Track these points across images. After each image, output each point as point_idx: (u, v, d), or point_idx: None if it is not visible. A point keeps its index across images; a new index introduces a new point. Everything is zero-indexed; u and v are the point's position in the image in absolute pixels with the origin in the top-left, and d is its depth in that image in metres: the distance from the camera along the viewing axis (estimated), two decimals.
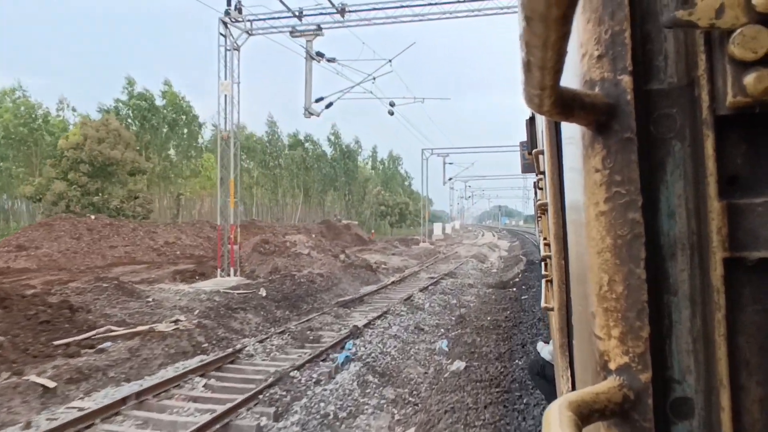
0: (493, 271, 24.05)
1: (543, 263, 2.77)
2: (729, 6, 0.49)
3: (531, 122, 3.97)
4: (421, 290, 15.47)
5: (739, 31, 0.49)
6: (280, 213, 57.88)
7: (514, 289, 15.42)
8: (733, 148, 0.55)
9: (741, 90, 0.50)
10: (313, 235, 28.86)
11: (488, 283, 18.08)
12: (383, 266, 22.96)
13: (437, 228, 53.23)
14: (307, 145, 59.97)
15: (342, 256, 22.01)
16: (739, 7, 0.49)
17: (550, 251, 1.95)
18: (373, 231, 54.88)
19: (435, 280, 18.18)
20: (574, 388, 1.30)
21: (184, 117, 45.96)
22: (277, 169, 56.86)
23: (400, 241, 40.30)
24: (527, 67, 0.45)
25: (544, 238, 2.87)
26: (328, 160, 62.32)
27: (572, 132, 0.68)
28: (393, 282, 18.46)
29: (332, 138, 64.29)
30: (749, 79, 0.49)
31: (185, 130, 46.82)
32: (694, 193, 0.55)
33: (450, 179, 45.70)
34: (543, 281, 2.56)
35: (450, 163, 47.37)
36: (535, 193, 4.20)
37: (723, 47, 0.51)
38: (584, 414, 0.50)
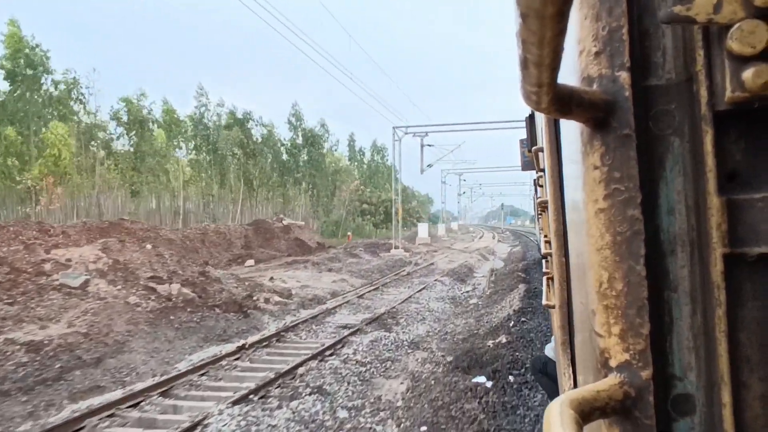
0: (471, 302, 13.51)
1: (544, 260, 2.77)
2: (727, 1, 0.49)
3: (531, 119, 3.96)
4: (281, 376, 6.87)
5: (737, 25, 0.49)
6: (220, 210, 43.20)
7: (498, 369, 6.34)
8: (732, 143, 0.55)
9: (740, 85, 0.50)
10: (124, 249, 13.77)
11: (450, 349, 8.26)
12: (284, 297, 13.43)
13: (422, 229, 45.68)
14: (251, 126, 43.00)
15: (174, 288, 11.75)
16: (737, 1, 0.49)
17: (550, 248, 1.95)
18: (349, 234, 45.69)
19: (353, 328, 9.74)
20: (575, 385, 1.30)
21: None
22: (208, 154, 39.98)
23: (368, 246, 30.78)
24: (524, 64, 0.45)
25: (545, 236, 2.87)
26: (284, 145, 46.44)
27: (571, 129, 0.68)
28: (256, 342, 8.75)
29: (293, 120, 47.30)
30: (748, 74, 0.49)
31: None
32: (694, 190, 0.55)
33: (429, 166, 35.49)
34: (544, 278, 2.56)
35: (430, 145, 38.50)
36: (535, 191, 4.19)
37: (721, 42, 0.51)
38: (585, 412, 0.50)
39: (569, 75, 0.60)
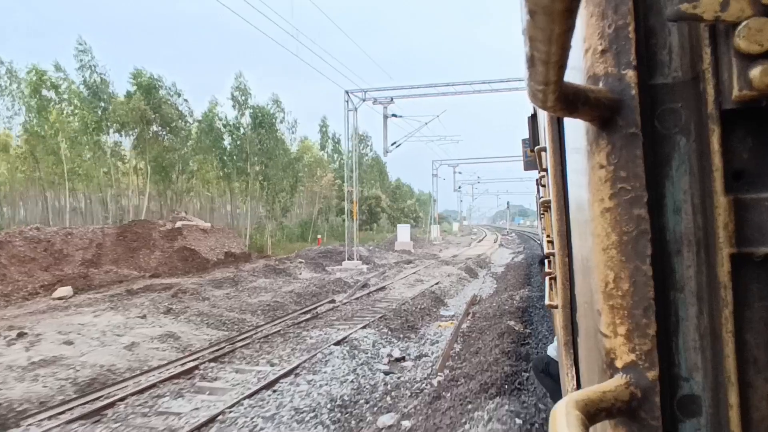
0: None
1: (546, 260, 2.77)
2: None
3: (533, 119, 3.96)
4: None
5: (744, 23, 0.48)
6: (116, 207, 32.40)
7: None
8: (739, 142, 0.54)
9: (747, 83, 0.49)
10: None
11: None
12: None
13: (402, 232, 36.67)
14: (163, 94, 31.84)
15: None
16: None
17: (553, 248, 1.95)
18: (320, 237, 39.25)
19: None
20: (579, 386, 1.29)
21: None
22: (99, 130, 29.37)
23: (320, 256, 24.73)
24: (531, 62, 0.45)
25: (548, 235, 2.87)
26: (226, 126, 35.60)
27: (576, 128, 0.67)
28: None
29: (237, 95, 35.50)
30: (755, 72, 0.48)
31: None
32: (700, 189, 0.55)
33: (394, 144, 28.08)
34: (546, 279, 2.56)
35: (395, 115, 33.15)
36: (538, 190, 4.19)
37: (728, 40, 0.50)
38: (591, 413, 0.49)
39: (575, 73, 0.60)
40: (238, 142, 36.20)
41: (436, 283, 16.86)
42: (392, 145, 27.13)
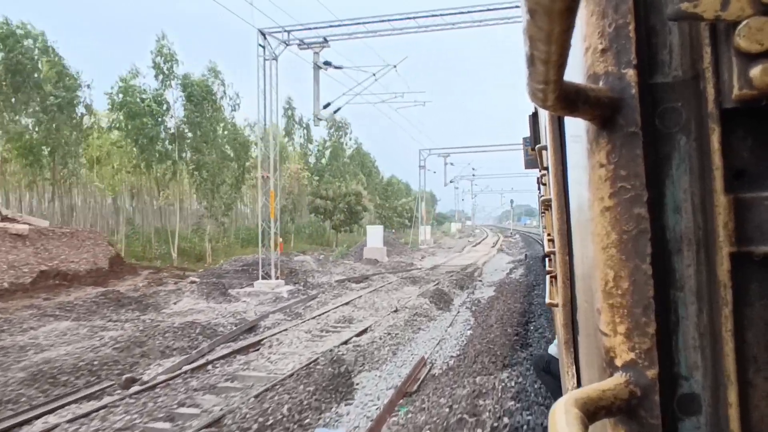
0: None
1: (547, 259, 2.77)
2: None
3: (534, 118, 3.96)
4: None
5: (744, 22, 0.48)
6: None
7: None
8: (740, 141, 0.54)
9: (747, 83, 0.49)
10: None
11: None
12: None
13: (373, 236, 29.38)
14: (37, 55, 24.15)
15: None
16: None
17: (554, 247, 1.95)
18: (281, 241, 26.78)
19: None
20: (579, 384, 1.30)
21: None
22: None
23: (245, 271, 19.38)
24: (531, 61, 0.45)
25: (548, 234, 2.87)
26: (145, 101, 27.62)
27: (576, 127, 0.67)
28: None
29: (160, 62, 28.24)
30: (755, 71, 0.48)
31: None
32: (700, 188, 0.55)
33: (326, 106, 18.92)
34: (547, 277, 2.56)
35: (327, 64, 30.08)
36: (539, 189, 4.19)
37: (728, 39, 0.50)
38: (590, 411, 0.49)
39: (575, 72, 0.60)
40: (159, 120, 28.21)
41: (364, 331, 10.18)
42: (325, 107, 18.59)
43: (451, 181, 50.23)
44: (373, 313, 12.46)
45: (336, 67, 18.45)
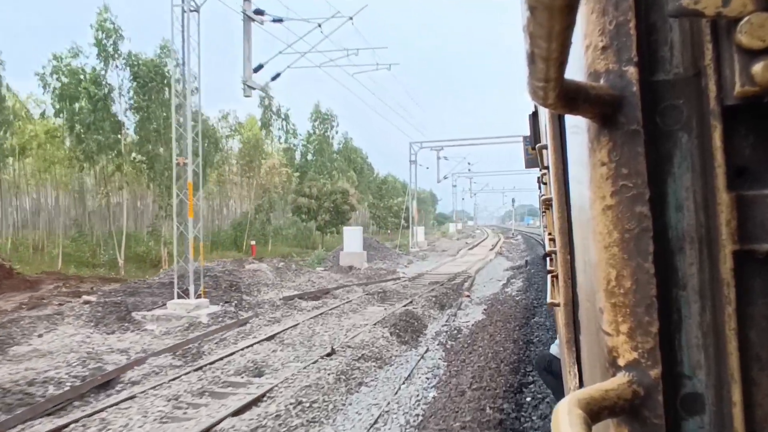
0: None
1: (548, 259, 2.77)
2: None
3: (534, 117, 3.96)
4: None
5: (746, 19, 0.48)
6: None
7: None
8: (742, 138, 0.54)
9: (749, 79, 0.49)
10: None
11: None
12: None
13: (351, 239, 26.06)
14: None
15: None
16: None
17: (555, 246, 1.95)
18: (253, 243, 29.80)
19: None
20: (581, 384, 1.29)
21: None
22: None
23: (172, 285, 13.00)
24: (531, 58, 0.44)
25: (549, 233, 2.87)
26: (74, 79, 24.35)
27: (577, 125, 0.67)
28: None
29: (101, 38, 24.95)
30: (757, 68, 0.48)
31: None
32: (702, 186, 0.54)
33: (262, 71, 13.70)
34: (548, 276, 2.56)
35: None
36: (539, 188, 4.19)
37: (730, 36, 0.50)
38: (593, 411, 0.49)
39: (576, 70, 0.60)
40: (99, 105, 24.02)
41: (260, 398, 6.73)
42: (256, 70, 14.50)
43: (445, 177, 44.29)
44: (301, 354, 8.73)
45: (275, 20, 14.51)
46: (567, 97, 0.51)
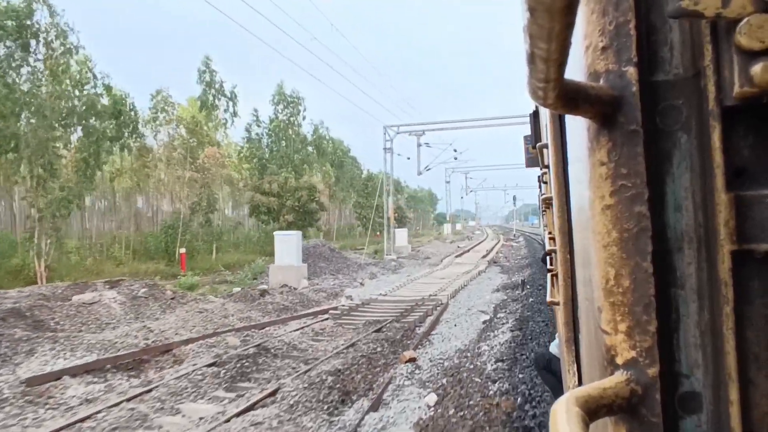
0: None
1: (548, 258, 2.77)
2: None
3: (535, 116, 3.95)
4: None
5: (746, 20, 0.48)
6: None
7: None
8: (741, 139, 0.54)
9: (748, 80, 0.49)
10: None
11: None
12: None
13: (284, 247, 19.14)
14: None
15: None
16: None
17: (554, 245, 1.95)
18: (182, 251, 24.64)
19: None
20: (580, 382, 1.30)
21: None
22: None
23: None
24: (531, 59, 0.45)
25: (549, 233, 2.87)
26: None
27: (577, 125, 0.67)
28: None
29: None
30: (756, 69, 0.48)
31: None
32: (701, 186, 0.55)
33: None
34: (548, 275, 2.56)
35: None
36: (540, 187, 4.19)
37: (729, 37, 0.50)
38: (591, 409, 0.49)
39: (576, 70, 0.60)
40: None
41: None
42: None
43: (427, 168, 35.74)
44: None
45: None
46: (567, 97, 0.51)
